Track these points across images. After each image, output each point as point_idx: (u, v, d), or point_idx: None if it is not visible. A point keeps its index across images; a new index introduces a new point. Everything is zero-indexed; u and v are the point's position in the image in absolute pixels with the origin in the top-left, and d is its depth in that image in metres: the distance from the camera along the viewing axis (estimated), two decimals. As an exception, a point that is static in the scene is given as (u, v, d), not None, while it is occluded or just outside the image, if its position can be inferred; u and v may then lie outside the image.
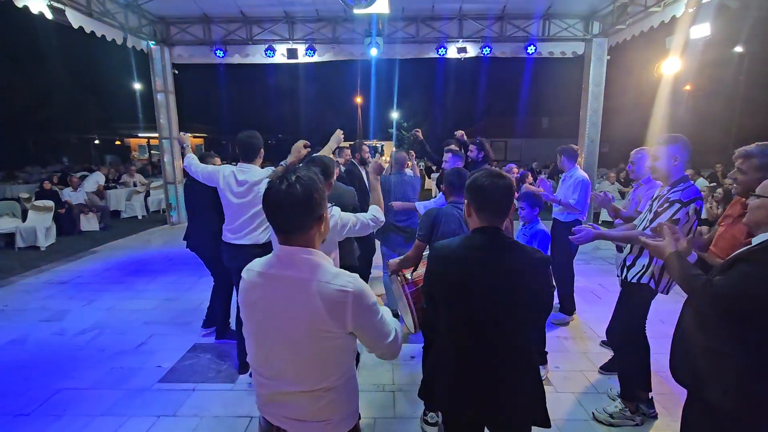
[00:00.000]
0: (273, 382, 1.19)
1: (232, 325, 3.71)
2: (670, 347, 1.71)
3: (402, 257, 2.39)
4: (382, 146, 17.32)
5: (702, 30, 5.00)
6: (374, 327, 1.19)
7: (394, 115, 26.18)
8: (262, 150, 2.98)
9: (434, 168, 16.52)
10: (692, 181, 2.43)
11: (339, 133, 3.01)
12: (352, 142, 5.38)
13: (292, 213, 1.14)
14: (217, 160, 3.73)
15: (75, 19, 6.13)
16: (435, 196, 4.25)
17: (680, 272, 1.56)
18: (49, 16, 5.59)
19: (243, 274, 1.25)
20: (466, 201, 1.53)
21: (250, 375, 2.79)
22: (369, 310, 1.17)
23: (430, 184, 15.79)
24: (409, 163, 4.76)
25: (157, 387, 3.02)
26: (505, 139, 25.19)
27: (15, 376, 3.17)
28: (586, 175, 3.76)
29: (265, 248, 2.89)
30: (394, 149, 9.14)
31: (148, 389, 3.00)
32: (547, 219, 4.71)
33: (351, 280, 1.15)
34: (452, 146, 4.81)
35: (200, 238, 3.62)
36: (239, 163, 2.93)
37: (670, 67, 5.63)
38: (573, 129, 8.93)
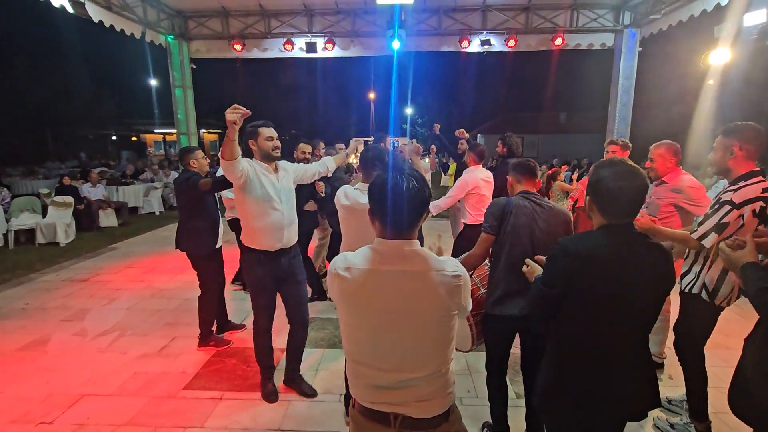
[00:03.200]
0: (394, 373, 1.25)
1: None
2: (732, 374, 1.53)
3: (465, 255, 2.20)
4: (396, 142, 17.05)
5: (757, 17, 4.64)
6: (468, 302, 1.33)
7: (409, 111, 25.87)
8: (251, 140, 2.66)
9: (447, 161, 16.26)
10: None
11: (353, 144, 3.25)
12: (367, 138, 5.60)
13: (415, 210, 1.25)
14: (199, 153, 3.48)
15: (95, 12, 6.04)
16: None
17: (753, 284, 1.34)
18: (70, 9, 5.50)
19: (343, 272, 1.26)
20: (588, 198, 1.46)
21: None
22: (468, 291, 1.31)
23: (446, 180, 15.51)
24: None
25: (182, 394, 2.89)
26: (521, 135, 24.62)
27: (37, 379, 3.07)
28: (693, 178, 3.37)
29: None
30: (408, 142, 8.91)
31: (174, 397, 2.87)
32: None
33: (455, 264, 1.27)
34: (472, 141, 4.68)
35: (191, 237, 3.43)
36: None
37: (719, 57, 5.24)
38: (592, 124, 8.72)
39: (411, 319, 1.23)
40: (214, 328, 3.66)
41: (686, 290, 2.32)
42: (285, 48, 8.19)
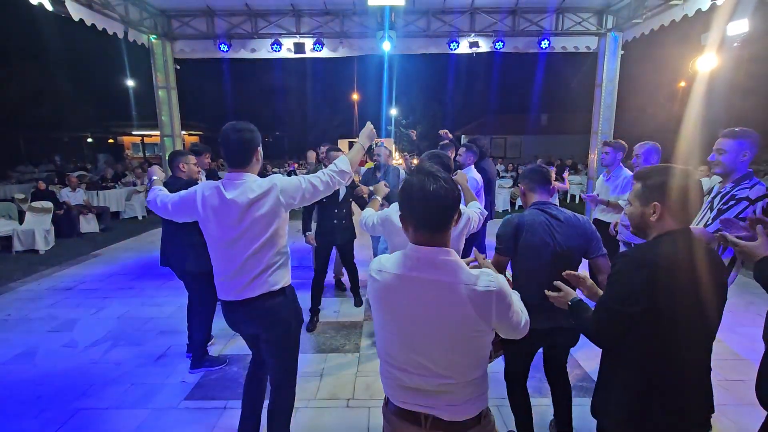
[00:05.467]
0: (424, 377, 1.23)
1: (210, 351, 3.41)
2: (759, 366, 1.60)
3: None
4: (382, 143, 17.03)
5: (740, 26, 4.85)
6: (511, 319, 1.24)
7: (393, 111, 25.89)
8: (260, 149, 1.97)
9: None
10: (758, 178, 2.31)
11: (370, 127, 2.23)
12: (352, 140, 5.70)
13: (442, 211, 1.19)
14: (191, 158, 3.21)
15: (75, 10, 5.82)
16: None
17: None
18: (48, 7, 5.29)
19: (375, 274, 1.28)
20: (656, 203, 1.34)
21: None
22: (508, 305, 1.22)
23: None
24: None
25: (184, 405, 2.80)
26: (504, 136, 25.04)
27: (28, 394, 2.93)
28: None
29: (282, 293, 2.00)
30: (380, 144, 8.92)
31: (175, 408, 2.78)
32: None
33: (492, 279, 1.20)
34: (465, 143, 4.70)
35: (174, 251, 3.18)
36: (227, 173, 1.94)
37: (706, 63, 5.44)
38: (573, 125, 8.88)
39: (438, 329, 1.20)
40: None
41: None
42: (273, 49, 8.10)
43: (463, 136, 25.80)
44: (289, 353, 2.12)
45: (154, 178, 2.38)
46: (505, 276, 2.28)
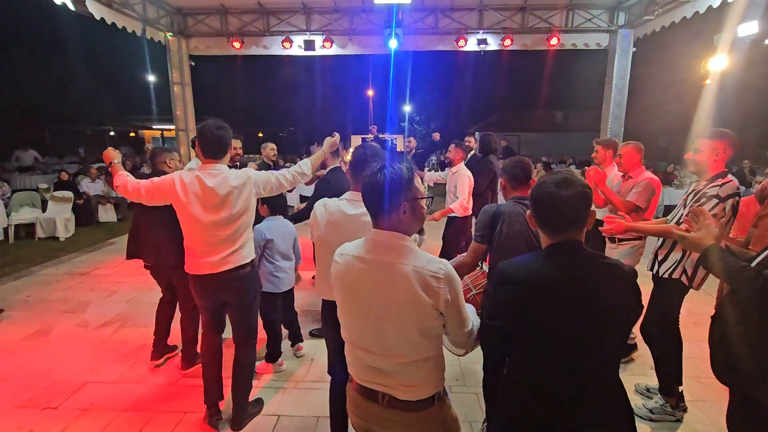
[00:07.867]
0: (381, 357, 1.32)
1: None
2: (708, 345, 1.66)
3: (455, 263, 2.09)
4: (394, 140, 17.08)
5: (749, 27, 4.82)
6: (458, 312, 1.31)
7: (407, 108, 25.91)
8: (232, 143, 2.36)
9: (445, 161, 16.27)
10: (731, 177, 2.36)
11: (336, 138, 2.76)
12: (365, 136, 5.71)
13: (378, 197, 1.28)
14: (176, 155, 3.18)
15: (96, 9, 6.09)
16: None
17: (723, 264, 1.47)
18: (71, 7, 5.57)
19: (337, 258, 1.38)
20: (528, 212, 1.34)
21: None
22: (456, 294, 1.28)
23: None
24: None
25: (182, 382, 3.00)
26: (518, 134, 24.77)
27: (40, 368, 3.17)
28: (653, 175, 3.48)
29: (251, 265, 2.39)
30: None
31: (174, 384, 2.97)
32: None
33: (442, 266, 1.26)
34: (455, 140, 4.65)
35: (161, 246, 2.96)
36: (204, 165, 2.26)
37: (718, 64, 5.39)
38: (587, 123, 8.74)
39: (390, 310, 1.27)
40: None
41: (664, 276, 2.50)
42: (284, 46, 8.28)
43: (476, 133, 25.75)
44: (253, 314, 2.52)
45: (115, 162, 2.37)
46: (481, 268, 2.37)
